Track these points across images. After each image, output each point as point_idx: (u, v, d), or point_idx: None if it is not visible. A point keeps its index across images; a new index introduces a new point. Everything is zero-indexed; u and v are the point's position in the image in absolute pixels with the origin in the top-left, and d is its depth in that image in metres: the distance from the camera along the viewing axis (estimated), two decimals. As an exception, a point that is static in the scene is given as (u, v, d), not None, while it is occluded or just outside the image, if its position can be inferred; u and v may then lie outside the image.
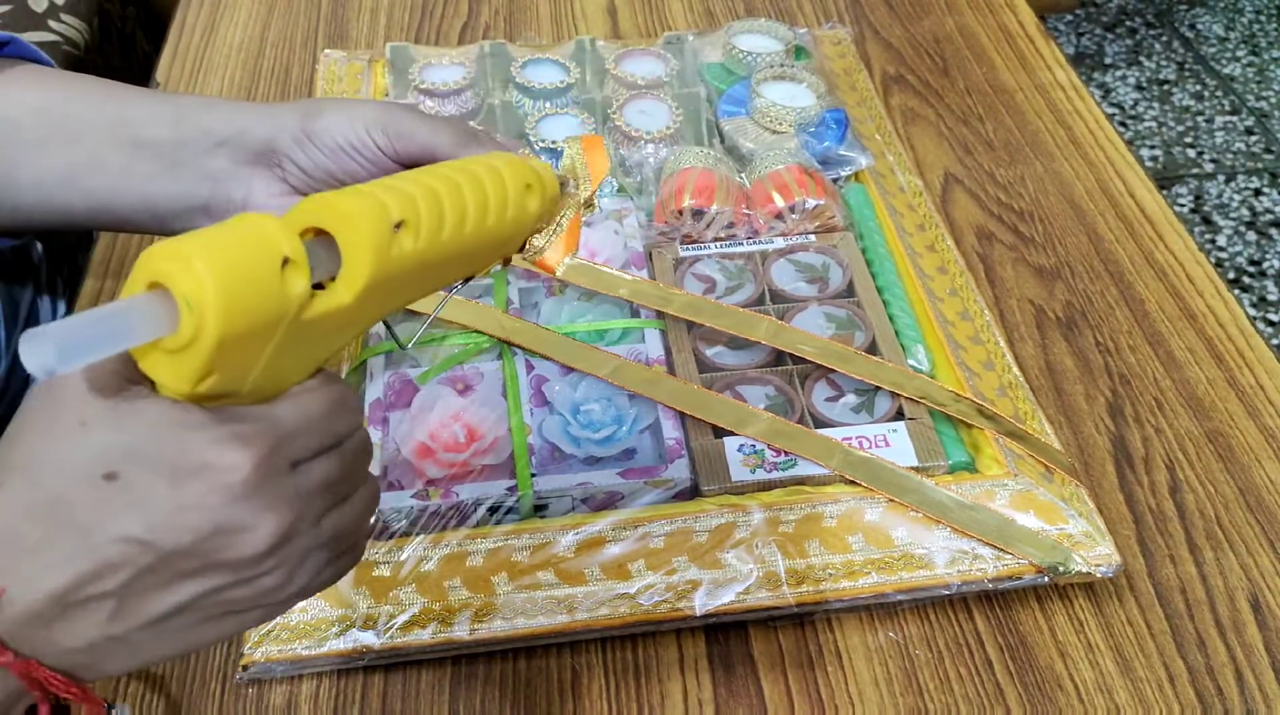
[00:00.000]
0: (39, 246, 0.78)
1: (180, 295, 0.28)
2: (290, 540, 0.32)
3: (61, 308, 0.77)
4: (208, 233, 0.29)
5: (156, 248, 0.28)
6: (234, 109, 0.51)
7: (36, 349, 0.26)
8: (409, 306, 0.48)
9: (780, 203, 0.71)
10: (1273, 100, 2.21)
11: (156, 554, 0.30)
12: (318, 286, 0.31)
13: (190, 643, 0.33)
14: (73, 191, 0.53)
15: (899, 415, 0.61)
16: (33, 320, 0.75)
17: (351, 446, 0.35)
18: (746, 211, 0.71)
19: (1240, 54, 2.34)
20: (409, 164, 0.50)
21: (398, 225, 0.33)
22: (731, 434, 0.59)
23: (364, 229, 0.32)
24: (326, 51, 0.88)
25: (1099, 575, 0.55)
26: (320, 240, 0.32)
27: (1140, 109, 2.20)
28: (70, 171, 0.53)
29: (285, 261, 0.29)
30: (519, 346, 0.63)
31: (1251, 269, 1.85)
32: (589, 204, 0.47)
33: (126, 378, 0.31)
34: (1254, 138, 2.12)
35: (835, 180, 0.76)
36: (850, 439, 0.59)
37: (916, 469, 0.57)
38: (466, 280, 0.42)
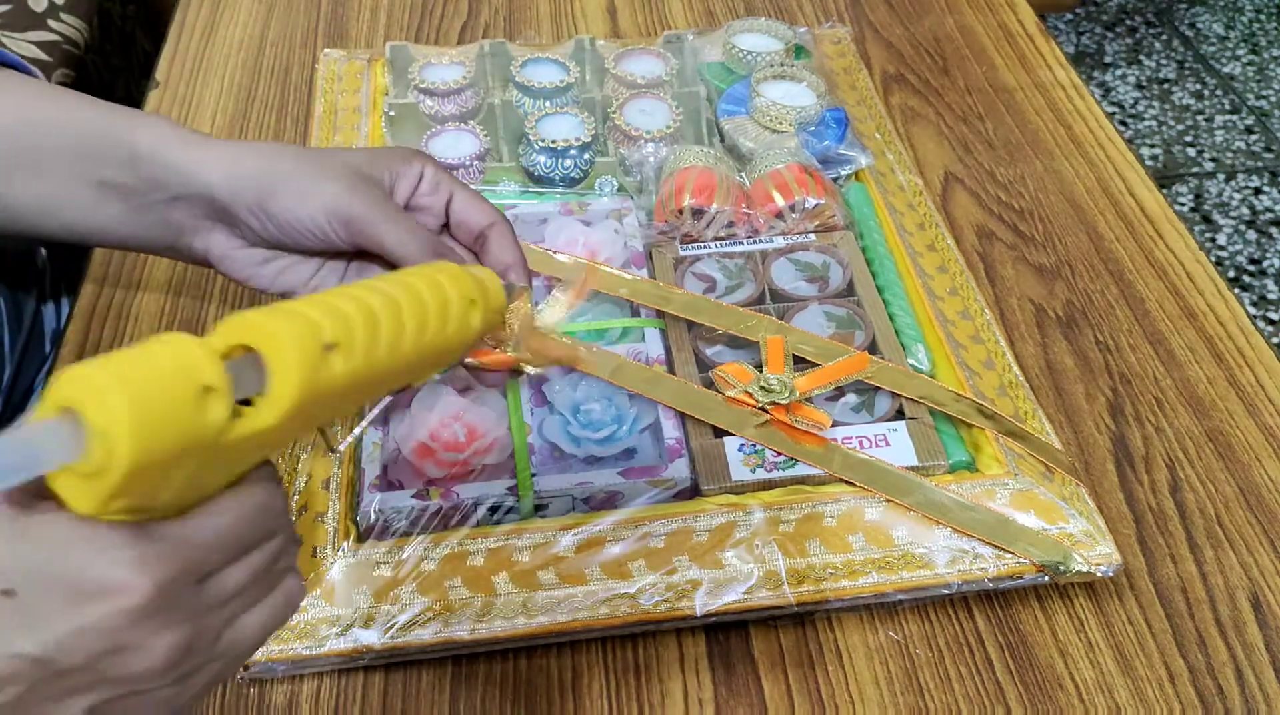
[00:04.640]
0: (43, 252, 0.78)
1: (92, 425, 0.27)
2: (188, 656, 0.32)
3: (65, 311, 0.77)
4: (124, 356, 0.28)
5: (69, 372, 0.27)
6: (192, 164, 0.49)
7: None
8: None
9: (780, 202, 0.71)
10: (1273, 99, 2.21)
11: (51, 670, 0.30)
12: (245, 402, 0.30)
13: None
14: (47, 219, 0.53)
15: (899, 414, 0.61)
16: (36, 327, 0.75)
17: (268, 551, 0.34)
18: (746, 211, 0.71)
19: (1240, 53, 2.34)
20: (367, 253, 0.49)
21: (330, 347, 0.32)
22: (731, 434, 0.59)
23: (292, 352, 0.31)
24: (326, 51, 0.88)
25: (1099, 574, 0.55)
26: (247, 358, 0.31)
27: (1140, 108, 2.20)
28: (41, 201, 0.52)
29: (206, 388, 0.28)
30: (519, 346, 0.63)
31: (1251, 268, 1.85)
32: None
33: (32, 491, 0.30)
34: (1254, 137, 2.12)
35: (835, 179, 0.76)
36: (850, 438, 0.59)
37: (916, 468, 0.57)
38: (401, 390, 0.41)
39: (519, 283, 0.49)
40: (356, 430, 0.50)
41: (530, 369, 0.53)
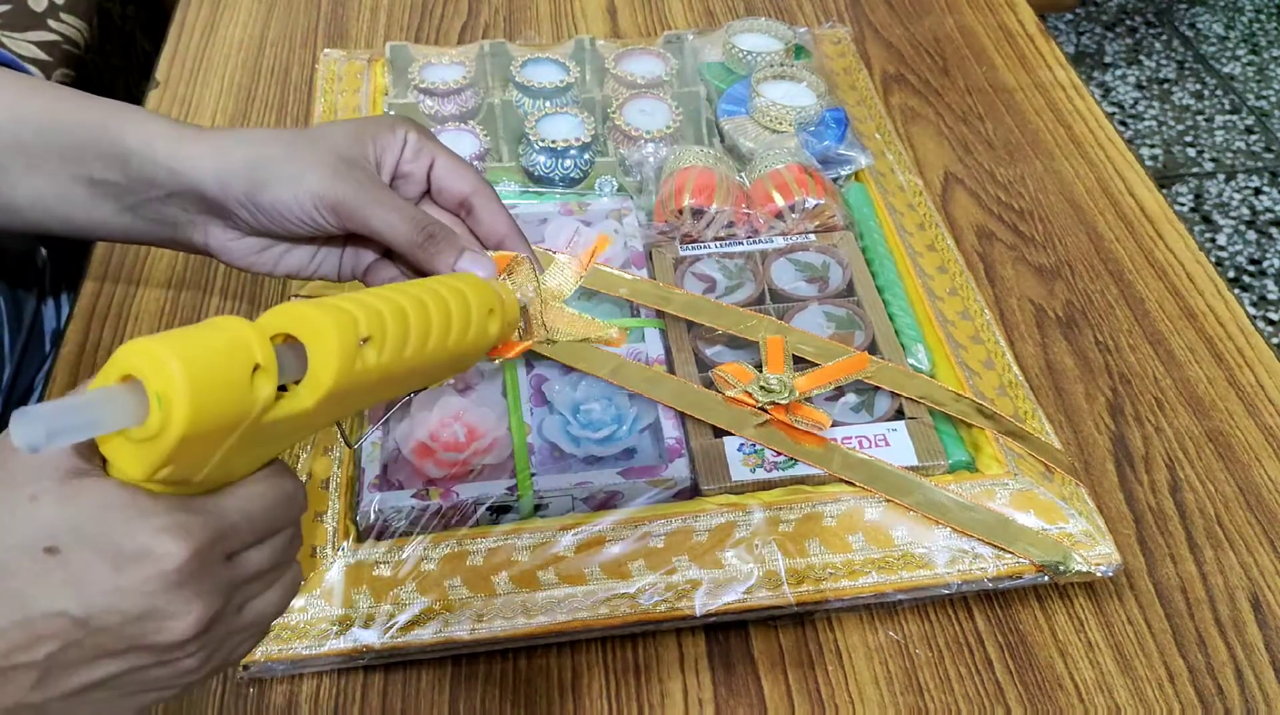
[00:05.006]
0: (43, 251, 0.78)
1: (152, 392, 0.29)
2: (213, 628, 0.33)
3: (65, 310, 0.77)
4: (183, 333, 0.30)
5: (131, 344, 0.29)
6: (181, 161, 0.49)
7: (27, 429, 0.27)
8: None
9: (780, 202, 0.71)
10: (1273, 99, 2.21)
11: (86, 631, 0.31)
12: (281, 388, 0.33)
13: None
14: (46, 215, 0.53)
15: (899, 414, 0.61)
16: (37, 326, 0.75)
17: (286, 536, 0.36)
18: (746, 211, 0.71)
19: (1240, 53, 2.34)
20: (359, 237, 0.50)
21: (364, 340, 0.35)
22: (731, 434, 0.59)
23: (333, 342, 0.33)
24: (326, 51, 0.88)
25: (1099, 574, 0.55)
26: (289, 345, 0.33)
27: (1140, 108, 2.20)
28: (37, 198, 0.52)
29: (255, 367, 0.31)
30: (519, 346, 0.63)
31: (1251, 268, 1.85)
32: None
33: (81, 456, 0.32)
34: (1254, 137, 2.12)
35: (835, 179, 0.76)
36: (850, 438, 0.59)
37: (916, 468, 0.57)
38: (418, 392, 0.44)
39: (517, 251, 0.49)
40: (373, 427, 0.51)
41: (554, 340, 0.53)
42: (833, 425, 0.59)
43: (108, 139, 0.51)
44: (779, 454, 0.58)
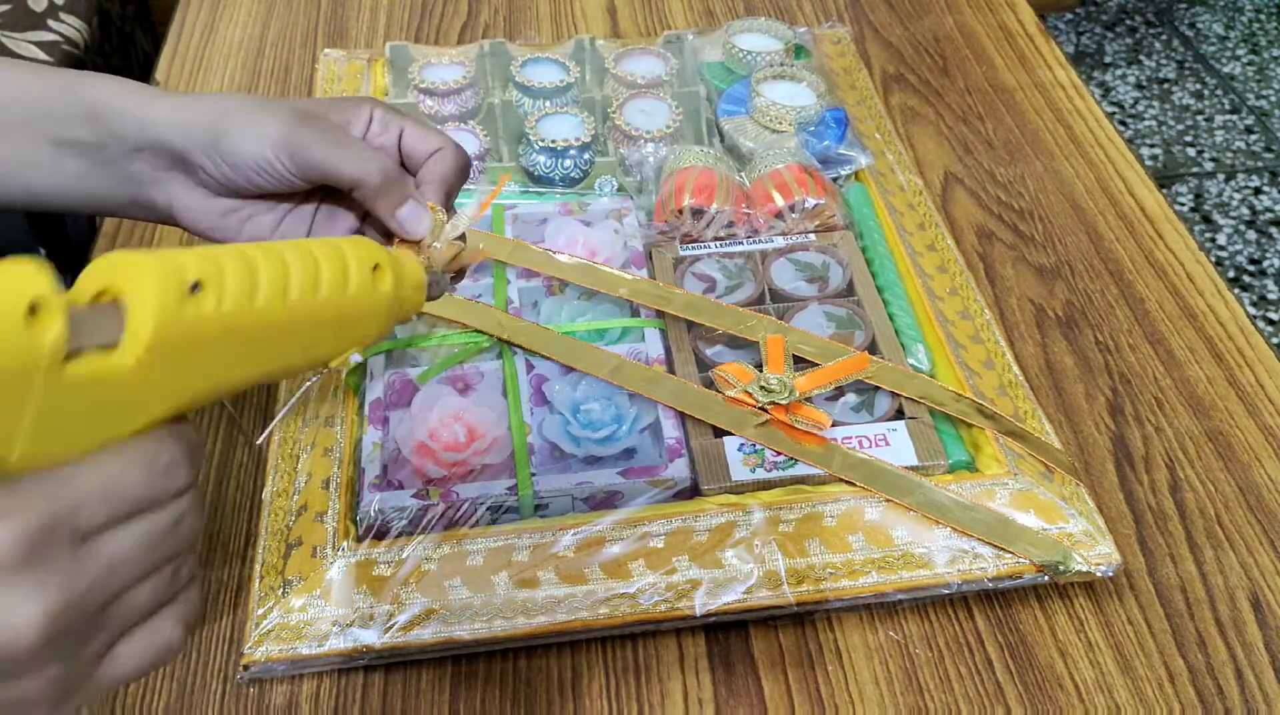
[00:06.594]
0: (42, 251, 0.78)
1: None
2: (70, 630, 0.27)
3: None
4: None
5: None
6: (148, 114, 0.49)
7: None
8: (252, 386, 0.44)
9: (780, 202, 0.71)
10: (1273, 99, 2.21)
11: None
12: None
13: None
14: (9, 183, 0.52)
15: (899, 414, 0.61)
16: None
17: (173, 512, 0.30)
18: (746, 210, 0.71)
19: (1240, 53, 2.34)
20: (331, 196, 0.50)
21: (195, 287, 0.30)
22: (731, 434, 0.59)
23: (149, 286, 0.29)
24: (326, 51, 0.88)
25: (1099, 574, 0.55)
26: (110, 305, 0.29)
27: (1140, 108, 2.20)
28: (1, 166, 0.52)
29: (34, 307, 0.26)
30: (519, 346, 0.63)
31: (1251, 268, 1.85)
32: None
33: None
34: (1254, 136, 2.12)
35: (835, 179, 0.76)
36: (850, 438, 0.59)
37: (916, 468, 0.57)
38: (323, 369, 0.40)
39: (434, 201, 0.48)
40: (275, 420, 0.50)
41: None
42: (833, 425, 0.59)
43: (74, 96, 0.50)
44: (779, 454, 0.58)
